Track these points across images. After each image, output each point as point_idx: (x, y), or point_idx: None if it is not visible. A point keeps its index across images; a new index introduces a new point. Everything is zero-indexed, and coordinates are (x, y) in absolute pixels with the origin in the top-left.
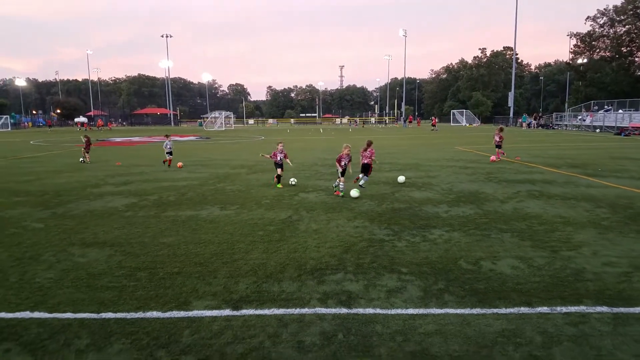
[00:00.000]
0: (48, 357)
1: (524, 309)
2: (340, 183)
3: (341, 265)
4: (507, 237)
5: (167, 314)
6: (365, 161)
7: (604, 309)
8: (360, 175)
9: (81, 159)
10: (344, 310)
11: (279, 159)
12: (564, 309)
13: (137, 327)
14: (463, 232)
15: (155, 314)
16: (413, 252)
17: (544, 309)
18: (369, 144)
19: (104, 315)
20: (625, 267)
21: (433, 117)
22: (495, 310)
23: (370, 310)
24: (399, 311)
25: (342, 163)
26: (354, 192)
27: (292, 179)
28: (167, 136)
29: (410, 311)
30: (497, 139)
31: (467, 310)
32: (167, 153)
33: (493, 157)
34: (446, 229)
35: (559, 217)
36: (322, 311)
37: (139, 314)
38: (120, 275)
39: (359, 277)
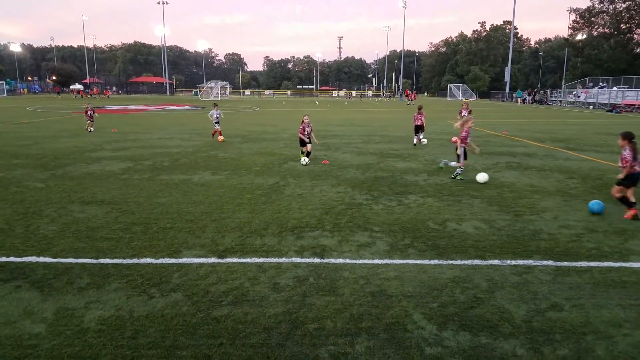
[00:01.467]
0: (54, 292)
1: (477, 261)
2: (460, 167)
3: (319, 224)
4: (477, 202)
5: (159, 261)
6: (418, 123)
7: (550, 262)
8: (422, 135)
9: (90, 128)
10: (317, 260)
11: (306, 132)
12: (513, 262)
13: (132, 270)
14: (437, 197)
15: (148, 260)
16: (387, 214)
17: (495, 262)
18: (420, 108)
19: (102, 260)
20: (579, 229)
21: (408, 90)
22: (450, 262)
23: (340, 260)
24: (365, 261)
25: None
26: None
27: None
28: (215, 105)
29: (376, 261)
30: (466, 115)
31: (425, 261)
32: (215, 123)
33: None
34: (421, 194)
35: (530, 186)
36: (297, 260)
37: (134, 260)
38: (117, 229)
39: (335, 234)
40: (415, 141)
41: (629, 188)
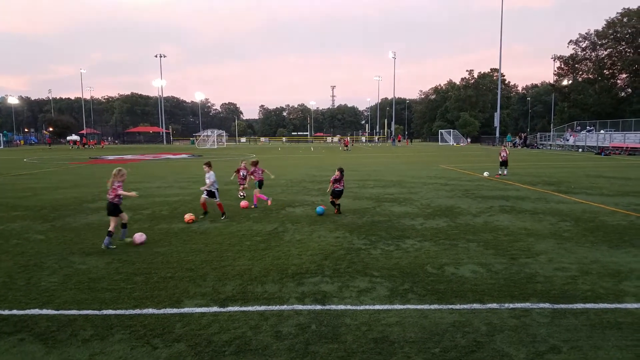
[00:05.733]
0: (58, 345)
1: (476, 305)
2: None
3: (319, 270)
4: (473, 246)
5: (162, 311)
6: (504, 154)
7: (546, 305)
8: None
9: (241, 193)
10: (318, 307)
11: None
12: (511, 305)
13: (134, 321)
14: (434, 242)
15: (150, 310)
16: (386, 258)
17: (493, 305)
18: (505, 145)
19: (105, 312)
20: (574, 271)
21: (346, 139)
22: (450, 306)
23: (341, 307)
24: (366, 307)
25: None
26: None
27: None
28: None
29: (377, 307)
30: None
31: (426, 306)
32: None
33: (245, 203)
34: (419, 239)
35: (524, 229)
36: (299, 307)
37: (136, 311)
38: (118, 280)
39: (335, 280)
40: (500, 172)
41: (337, 198)
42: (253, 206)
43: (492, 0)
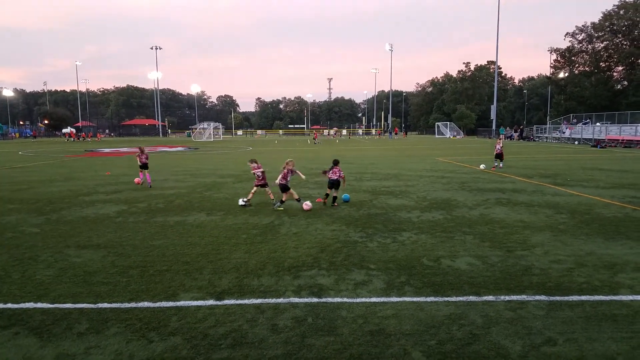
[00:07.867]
0: (53, 338)
1: (472, 298)
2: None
3: (316, 263)
4: (469, 238)
5: (157, 304)
6: (498, 146)
7: (542, 297)
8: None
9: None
10: (314, 300)
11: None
12: (507, 298)
13: (130, 314)
14: (430, 234)
15: (146, 304)
16: (382, 251)
17: (489, 298)
18: (500, 138)
19: (100, 305)
20: (570, 264)
21: (315, 132)
22: (446, 299)
23: (337, 299)
24: (363, 300)
25: None
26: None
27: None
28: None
29: (373, 299)
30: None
31: (422, 299)
32: None
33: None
34: (415, 231)
35: (520, 221)
36: (295, 300)
37: (132, 304)
38: (114, 273)
39: (331, 273)
40: (495, 163)
41: (331, 189)
42: (149, 186)
43: None
